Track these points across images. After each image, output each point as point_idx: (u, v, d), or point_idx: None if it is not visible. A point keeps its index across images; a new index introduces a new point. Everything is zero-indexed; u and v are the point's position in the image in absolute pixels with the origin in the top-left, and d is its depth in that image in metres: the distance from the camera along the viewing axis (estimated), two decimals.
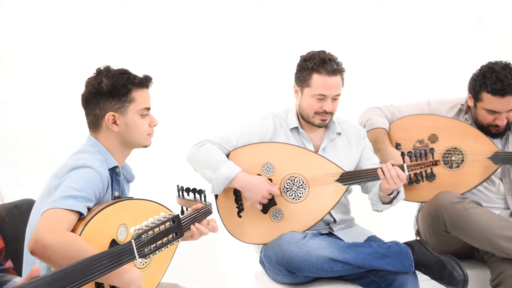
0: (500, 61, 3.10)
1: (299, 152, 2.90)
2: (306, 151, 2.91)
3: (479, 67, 3.15)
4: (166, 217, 1.88)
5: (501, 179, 3.25)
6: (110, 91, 2.29)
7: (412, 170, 2.83)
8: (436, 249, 2.88)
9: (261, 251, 2.91)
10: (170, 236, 1.90)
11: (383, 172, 2.76)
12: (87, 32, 4.21)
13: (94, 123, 2.34)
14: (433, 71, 4.55)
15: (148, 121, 2.40)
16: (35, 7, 4.15)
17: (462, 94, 3.26)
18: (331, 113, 2.92)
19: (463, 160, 3.18)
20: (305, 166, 2.87)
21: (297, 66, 2.96)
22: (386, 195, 2.86)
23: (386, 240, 2.85)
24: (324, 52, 2.91)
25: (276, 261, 2.76)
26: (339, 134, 3.04)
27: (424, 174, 2.92)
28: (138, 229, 1.82)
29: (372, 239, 2.91)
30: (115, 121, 2.31)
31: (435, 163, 2.87)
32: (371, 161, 3.05)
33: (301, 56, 2.96)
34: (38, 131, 4.10)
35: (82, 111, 2.39)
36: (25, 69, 4.13)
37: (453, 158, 3.19)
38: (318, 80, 2.86)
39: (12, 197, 2.65)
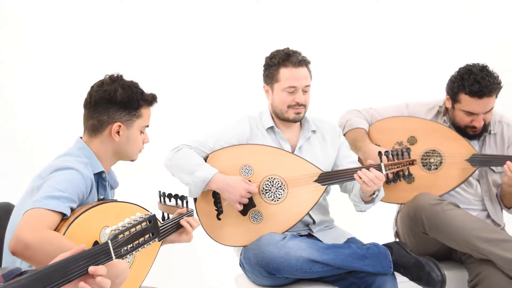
0: (478, 63, 3.10)
1: (277, 153, 2.88)
2: (284, 152, 2.89)
3: (457, 69, 3.16)
4: (142, 217, 1.86)
5: (478, 181, 3.26)
6: (124, 102, 2.31)
7: (389, 169, 2.83)
8: (414, 251, 2.88)
9: (241, 253, 2.89)
10: (147, 236, 1.87)
11: (360, 177, 2.76)
12: (85, 32, 4.19)
13: (95, 128, 2.34)
14: (425, 73, 4.56)
15: (143, 138, 2.42)
16: (34, 8, 4.12)
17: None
18: (304, 106, 2.92)
19: (442, 162, 3.18)
20: (283, 167, 2.85)
21: (264, 65, 2.98)
22: (368, 195, 2.86)
23: (365, 242, 2.84)
24: (287, 48, 2.93)
25: (256, 262, 2.74)
26: (314, 132, 3.04)
27: (401, 173, 2.91)
28: (115, 230, 1.79)
29: (351, 241, 2.90)
30: (119, 132, 2.32)
31: (412, 163, 2.88)
32: (348, 159, 3.04)
33: (265, 57, 2.98)
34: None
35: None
36: (25, 69, 4.11)
37: (432, 160, 3.19)
38: (285, 73, 2.87)
39: None
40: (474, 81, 3.02)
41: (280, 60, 2.88)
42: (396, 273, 2.76)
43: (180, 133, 3.58)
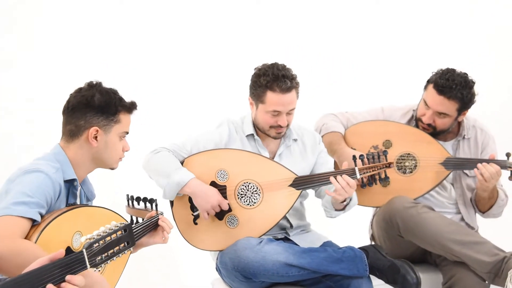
0: (464, 72, 3.12)
1: (253, 158, 2.84)
2: (260, 157, 2.86)
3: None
4: (118, 226, 1.81)
5: (452, 184, 3.27)
6: (101, 107, 2.27)
7: (364, 173, 2.79)
8: (390, 253, 2.85)
9: (217, 258, 2.85)
10: (122, 245, 1.82)
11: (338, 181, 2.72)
12: (80, 34, 4.19)
13: (73, 133, 2.29)
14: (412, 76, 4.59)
15: (123, 145, 2.38)
16: (34, 8, 4.09)
17: None
18: (287, 126, 2.88)
19: (416, 166, 3.18)
20: (259, 172, 2.82)
21: (251, 79, 2.89)
22: (339, 202, 2.82)
23: (341, 245, 2.81)
24: (277, 66, 2.82)
25: (232, 267, 2.70)
26: (295, 140, 3.01)
27: (377, 177, 2.87)
28: (90, 238, 1.75)
29: (327, 244, 2.86)
30: (96, 137, 2.27)
31: (389, 166, 2.83)
32: (325, 166, 3.01)
33: (255, 69, 2.89)
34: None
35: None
36: (23, 70, 4.09)
37: (407, 164, 3.19)
38: (272, 97, 2.80)
39: None
40: (444, 77, 3.06)
41: (268, 84, 2.78)
42: (371, 276, 2.74)
43: (151, 137, 3.55)
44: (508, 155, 3.07)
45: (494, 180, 3.01)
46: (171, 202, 2.85)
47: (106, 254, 1.77)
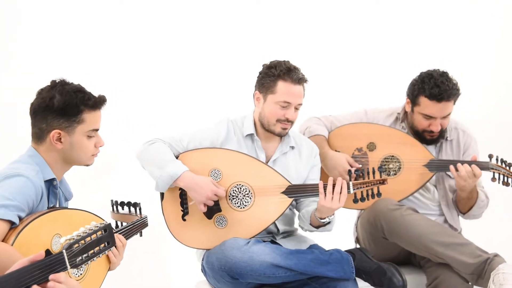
0: (438, 69, 3.08)
1: (248, 161, 2.78)
2: (256, 160, 2.79)
3: (418, 73, 3.13)
4: (97, 226, 1.78)
5: (435, 186, 3.22)
6: (61, 108, 2.17)
7: (358, 188, 2.71)
8: (374, 256, 2.80)
9: (203, 258, 2.77)
10: (102, 245, 1.78)
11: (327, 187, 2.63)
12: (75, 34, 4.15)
13: (38, 136, 2.21)
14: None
15: (95, 141, 2.28)
16: (33, 8, 4.06)
17: None
18: (292, 122, 2.83)
19: (400, 168, 3.15)
20: (253, 175, 2.75)
21: (260, 73, 2.84)
22: (319, 217, 2.72)
23: (326, 248, 2.75)
24: (289, 61, 2.82)
25: (219, 267, 2.64)
26: (292, 148, 2.93)
27: (370, 192, 2.77)
28: (70, 239, 1.71)
29: (314, 247, 2.80)
30: (60, 139, 2.18)
31: (383, 182, 2.75)
32: (314, 182, 2.90)
33: (264, 64, 2.85)
34: None
35: None
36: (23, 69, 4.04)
37: (391, 166, 3.16)
38: (283, 87, 2.76)
39: None
40: (434, 85, 3.00)
41: (281, 73, 2.76)
42: (358, 279, 2.68)
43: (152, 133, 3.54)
44: (490, 156, 3.02)
45: (471, 180, 2.96)
46: (162, 196, 2.78)
47: (86, 254, 1.71)
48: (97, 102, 2.25)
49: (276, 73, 2.77)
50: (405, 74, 3.27)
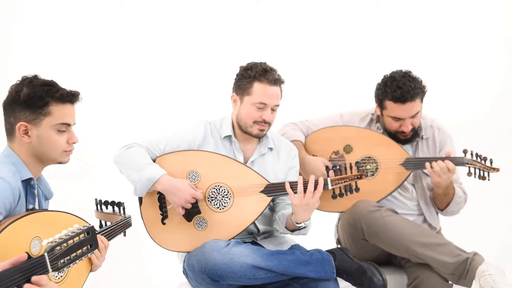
0: (401, 70, 3.10)
1: (226, 161, 2.77)
2: (233, 161, 2.78)
3: (382, 77, 3.15)
4: (80, 229, 1.74)
5: (413, 186, 3.24)
6: (26, 101, 2.12)
7: (336, 184, 2.74)
8: (356, 257, 2.82)
9: (184, 260, 2.76)
10: (85, 248, 1.75)
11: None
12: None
13: (9, 131, 2.18)
14: None
15: (67, 137, 2.22)
16: (33, 9, 4.04)
17: None
18: (269, 124, 2.82)
19: (377, 168, 3.15)
20: (231, 176, 2.74)
21: (237, 75, 2.85)
22: (295, 222, 2.72)
23: (308, 249, 2.75)
24: (265, 63, 2.82)
25: (200, 269, 2.62)
26: (270, 149, 2.93)
27: (348, 188, 2.81)
28: (52, 242, 1.68)
29: (295, 248, 2.80)
30: (27, 132, 2.13)
31: (360, 177, 2.78)
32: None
33: (241, 66, 2.85)
34: None
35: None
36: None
37: (368, 167, 3.17)
38: (259, 88, 2.76)
39: None
40: (397, 87, 3.01)
41: (257, 74, 2.76)
42: (338, 279, 2.69)
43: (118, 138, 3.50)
44: (465, 151, 3.05)
45: (446, 175, 2.98)
46: (140, 201, 2.76)
47: (68, 257, 1.69)
48: (65, 95, 2.19)
49: (252, 75, 2.78)
50: None
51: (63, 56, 4.09)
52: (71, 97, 2.22)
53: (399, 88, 3.01)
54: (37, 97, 2.14)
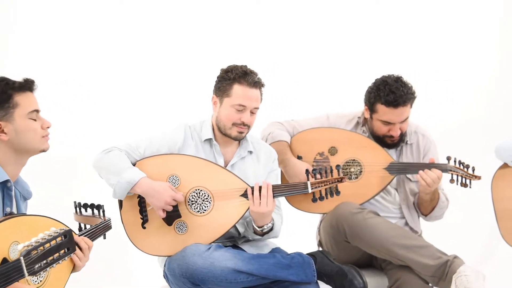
0: (393, 75, 3.12)
1: (206, 165, 2.77)
2: (214, 165, 2.78)
3: (373, 80, 3.16)
4: (57, 232, 1.73)
5: (396, 190, 3.26)
6: None
7: (316, 187, 2.75)
8: (337, 259, 2.81)
9: (165, 265, 2.75)
10: (62, 251, 1.74)
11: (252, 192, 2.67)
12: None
13: None
14: None
15: (40, 123, 2.22)
16: (30, 10, 4.03)
17: None
18: (249, 126, 2.83)
19: (361, 171, 3.17)
20: (211, 180, 2.74)
21: (218, 77, 2.85)
22: (257, 226, 2.76)
23: (289, 252, 2.75)
24: (246, 65, 2.83)
25: (180, 273, 2.61)
26: (250, 152, 2.94)
27: (329, 191, 2.82)
28: (28, 246, 1.66)
29: (276, 251, 2.80)
30: (3, 130, 2.12)
31: (341, 180, 2.79)
32: None
33: (221, 68, 2.86)
34: None
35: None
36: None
37: (352, 170, 3.18)
38: (238, 90, 2.77)
39: None
40: (390, 91, 3.03)
41: (236, 76, 2.77)
42: (319, 282, 2.70)
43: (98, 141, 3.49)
44: (448, 158, 3.08)
45: (436, 184, 3.02)
46: (120, 205, 2.76)
47: (45, 261, 1.69)
48: (24, 84, 2.20)
49: (232, 77, 2.79)
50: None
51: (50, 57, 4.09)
52: (30, 85, 2.22)
53: (392, 92, 3.03)
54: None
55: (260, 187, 2.67)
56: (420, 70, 4.51)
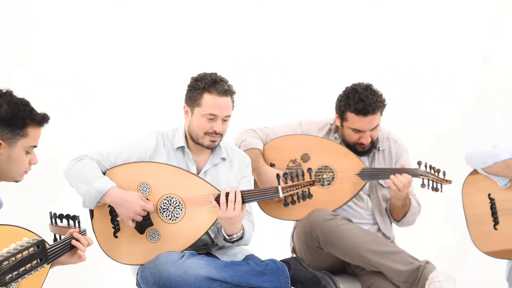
0: (362, 83, 3.16)
1: (178, 172, 2.77)
2: (185, 172, 2.79)
3: (343, 89, 3.19)
4: (29, 242, 1.72)
5: (369, 196, 3.30)
6: (7, 119, 2.10)
7: (287, 191, 2.74)
8: (311, 265, 2.83)
9: (137, 273, 2.74)
10: (35, 262, 1.73)
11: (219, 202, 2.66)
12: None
13: None
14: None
15: (30, 158, 2.22)
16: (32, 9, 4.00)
17: None
18: (221, 135, 2.83)
19: (334, 178, 3.20)
20: (182, 187, 2.74)
21: (188, 86, 2.85)
22: (226, 234, 2.75)
23: (263, 258, 2.77)
24: (215, 73, 2.82)
25: (153, 282, 2.61)
26: (223, 159, 2.94)
27: (301, 194, 2.80)
28: None
29: (250, 258, 2.80)
30: None
31: (312, 183, 2.78)
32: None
33: (192, 77, 2.86)
34: None
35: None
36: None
37: (324, 176, 3.21)
38: (209, 99, 2.76)
39: None
40: (359, 100, 3.06)
41: (206, 85, 2.76)
42: None
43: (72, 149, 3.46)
44: (419, 163, 3.14)
45: (407, 188, 3.06)
46: (91, 214, 2.74)
47: (17, 272, 1.68)
48: (43, 119, 2.21)
49: (201, 86, 2.79)
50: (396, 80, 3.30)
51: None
52: (46, 121, 2.23)
53: (362, 100, 3.06)
54: (19, 117, 2.13)
55: (227, 193, 2.67)
56: (419, 72, 4.56)
